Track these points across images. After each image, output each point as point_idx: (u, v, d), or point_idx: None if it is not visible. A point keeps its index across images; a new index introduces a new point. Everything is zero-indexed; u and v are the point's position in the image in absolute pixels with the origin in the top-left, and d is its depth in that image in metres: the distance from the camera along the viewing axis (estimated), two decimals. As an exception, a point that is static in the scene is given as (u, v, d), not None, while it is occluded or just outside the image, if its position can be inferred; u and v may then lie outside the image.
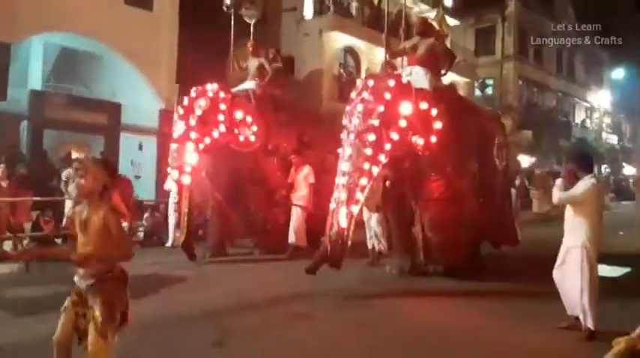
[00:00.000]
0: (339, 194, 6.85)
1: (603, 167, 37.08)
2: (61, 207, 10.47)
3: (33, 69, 14.21)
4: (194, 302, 6.36)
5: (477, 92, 29.32)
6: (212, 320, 5.59)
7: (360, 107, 7.04)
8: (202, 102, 8.90)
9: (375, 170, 6.94)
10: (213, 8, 16.82)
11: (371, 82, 7.21)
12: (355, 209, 6.81)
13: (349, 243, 6.76)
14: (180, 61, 15.14)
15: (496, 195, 8.90)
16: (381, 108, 6.93)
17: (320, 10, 20.57)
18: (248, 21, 11.83)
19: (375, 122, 6.89)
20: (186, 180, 8.68)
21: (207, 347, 4.77)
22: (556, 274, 5.35)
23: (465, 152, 7.96)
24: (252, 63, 10.71)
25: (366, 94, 7.08)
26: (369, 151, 6.85)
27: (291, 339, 5.15)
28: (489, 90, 30.28)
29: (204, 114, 8.81)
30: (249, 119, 9.28)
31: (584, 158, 5.34)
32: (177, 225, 8.93)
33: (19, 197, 9.75)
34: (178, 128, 8.87)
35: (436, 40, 8.33)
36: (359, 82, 7.60)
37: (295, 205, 9.56)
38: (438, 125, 7.33)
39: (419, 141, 7.23)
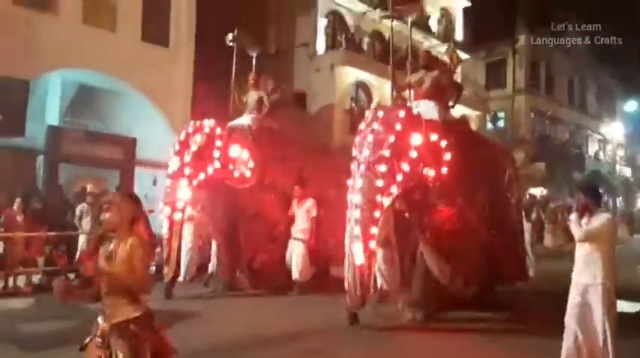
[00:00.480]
0: (353, 228, 6.67)
1: (617, 199, 36.66)
2: (75, 242, 10.52)
3: (50, 105, 14.46)
4: (208, 337, 6.31)
5: (489, 125, 29.34)
6: (226, 356, 5.53)
7: (370, 138, 6.96)
8: (198, 138, 8.86)
9: (387, 202, 6.82)
10: (225, 34, 17.22)
11: (381, 113, 7.17)
12: (373, 244, 6.64)
13: (372, 280, 6.56)
14: (195, 95, 15.36)
15: (507, 228, 8.72)
16: (392, 139, 6.85)
17: (332, 45, 20.89)
18: (251, 54, 11.80)
19: (386, 153, 6.81)
20: (178, 216, 8.66)
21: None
22: (573, 315, 4.91)
23: (476, 184, 7.84)
24: (252, 96, 10.60)
25: (376, 125, 7.01)
26: (380, 182, 6.74)
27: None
28: (501, 123, 30.28)
29: (199, 149, 8.78)
30: (245, 155, 9.21)
31: (595, 191, 5.20)
32: (166, 261, 8.69)
33: (34, 231, 9.82)
34: (173, 163, 8.84)
35: (442, 73, 8.32)
36: (368, 113, 7.55)
37: (296, 239, 9.37)
38: (447, 156, 7.26)
39: (430, 172, 7.15)
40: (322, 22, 20.85)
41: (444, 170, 7.22)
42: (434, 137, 7.21)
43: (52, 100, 14.52)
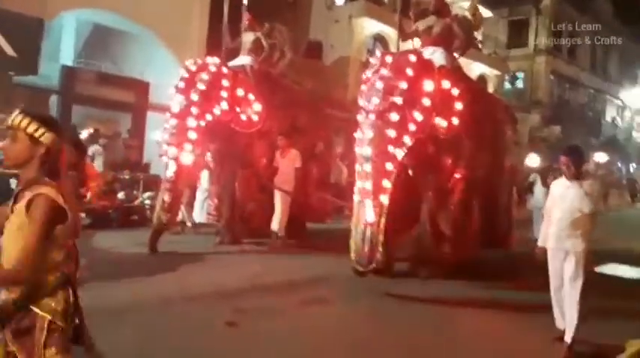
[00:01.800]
0: (364, 184, 6.25)
1: (632, 166, 36.34)
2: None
3: (65, 44, 14.41)
4: (210, 283, 6.44)
5: (507, 85, 28.88)
6: (227, 301, 5.68)
7: (379, 84, 6.42)
8: (205, 77, 8.34)
9: (400, 154, 6.36)
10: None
11: (389, 59, 6.63)
12: (385, 199, 6.20)
13: (381, 237, 6.09)
14: (210, 40, 15.18)
15: (500, 192, 8.42)
16: (404, 85, 6.36)
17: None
18: None
19: (398, 100, 6.31)
20: (186, 158, 8.07)
21: (222, 326, 4.85)
22: (557, 282, 4.83)
23: (479, 140, 7.42)
24: (248, 37, 9.85)
25: (385, 71, 6.48)
26: (392, 132, 6.27)
27: (305, 322, 5.21)
28: (520, 84, 29.79)
29: (207, 89, 8.25)
30: (251, 97, 8.76)
31: (580, 154, 4.79)
32: (168, 207, 7.85)
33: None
34: (177, 102, 8.20)
35: (452, 21, 7.81)
36: (374, 60, 6.91)
37: (279, 189, 8.98)
38: (459, 106, 6.82)
39: (442, 122, 6.69)
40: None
41: (455, 121, 6.80)
42: (446, 84, 6.76)
43: (67, 40, 14.46)
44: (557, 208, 4.75)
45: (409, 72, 6.45)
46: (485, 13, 24.23)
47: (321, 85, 15.92)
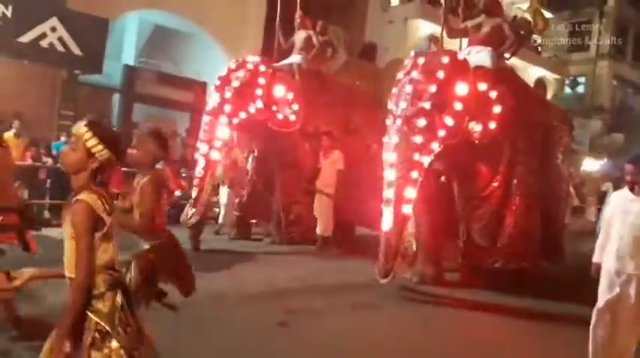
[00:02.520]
0: (386, 191, 6.00)
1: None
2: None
3: (127, 44, 14.92)
4: (262, 282, 6.49)
5: (567, 90, 27.95)
6: (278, 301, 5.72)
7: (408, 88, 6.10)
8: (240, 74, 8.19)
9: (427, 161, 6.06)
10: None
11: (421, 60, 6.27)
12: (407, 209, 5.94)
13: (400, 248, 5.92)
14: (266, 40, 15.37)
15: (557, 203, 7.89)
16: (433, 89, 6.01)
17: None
18: None
19: (426, 105, 5.97)
20: (215, 155, 8.00)
21: (274, 326, 4.90)
22: (608, 307, 4.12)
23: (527, 146, 6.94)
24: (300, 36, 9.67)
25: (415, 74, 6.13)
26: (419, 139, 5.96)
27: (354, 325, 5.21)
28: (580, 89, 28.77)
29: (241, 86, 8.11)
30: (290, 96, 8.48)
31: None
32: (194, 203, 7.73)
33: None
34: (213, 100, 8.23)
35: (504, 21, 7.42)
36: (407, 61, 6.50)
37: (321, 192, 8.68)
38: (497, 109, 6.39)
39: (476, 127, 6.30)
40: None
41: (493, 125, 6.37)
42: (482, 86, 6.37)
43: (129, 40, 14.97)
44: (619, 223, 4.16)
45: (440, 74, 6.10)
46: (546, 14, 23.61)
47: (375, 86, 15.85)
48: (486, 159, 6.81)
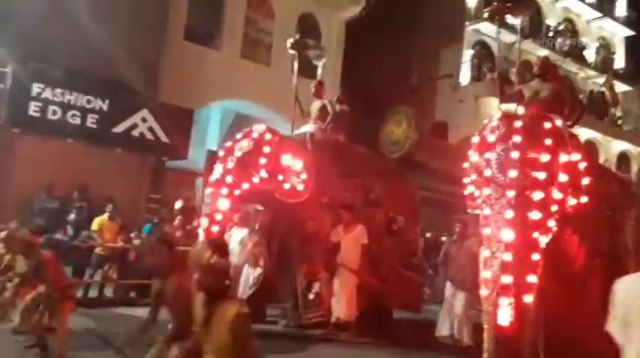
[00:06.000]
0: (500, 276, 5.12)
1: None
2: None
3: (211, 131, 15.92)
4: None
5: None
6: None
7: (514, 154, 5.43)
8: (244, 144, 7.86)
9: (544, 241, 5.31)
10: (370, 68, 17.71)
11: (519, 123, 5.69)
12: (530, 299, 5.09)
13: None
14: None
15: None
16: (546, 158, 5.41)
17: (477, 76, 20.55)
18: (315, 63, 10.84)
19: (540, 175, 5.36)
20: (216, 230, 7.56)
21: None
22: None
23: (600, 220, 6.26)
24: (315, 105, 9.42)
25: (518, 138, 5.50)
26: (536, 215, 5.25)
27: None
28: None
29: (244, 156, 7.73)
30: (297, 165, 7.94)
31: None
32: None
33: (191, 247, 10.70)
34: (216, 171, 7.94)
35: (562, 85, 7.00)
36: (495, 122, 5.89)
37: (345, 267, 7.97)
38: (586, 181, 5.80)
39: (571, 201, 5.66)
40: (467, 53, 20.63)
41: (584, 199, 5.72)
42: (576, 157, 5.78)
43: (213, 127, 15.98)
44: None
45: (547, 142, 5.50)
46: (623, 87, 23.08)
47: (447, 163, 15.88)
48: (581, 236, 6.03)
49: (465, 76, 20.54)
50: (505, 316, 4.97)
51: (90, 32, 11.22)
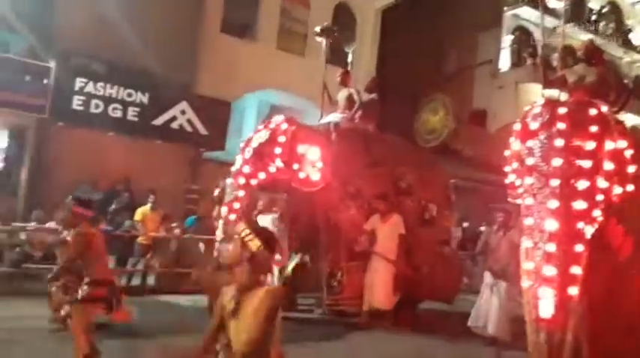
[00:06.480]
0: (543, 267, 4.99)
1: None
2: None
3: (247, 122, 16.05)
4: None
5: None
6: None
7: (559, 142, 5.24)
8: (262, 134, 8.01)
9: (589, 231, 5.14)
10: (406, 56, 17.52)
11: (563, 110, 5.48)
12: (574, 291, 4.93)
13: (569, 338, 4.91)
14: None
15: None
16: (591, 146, 5.23)
17: (517, 62, 20.08)
18: (345, 49, 10.91)
19: (585, 164, 5.17)
20: (233, 218, 7.66)
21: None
22: None
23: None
24: (342, 94, 9.41)
25: (562, 125, 5.32)
26: (582, 204, 5.09)
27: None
28: None
29: (260, 146, 7.89)
30: (313, 154, 7.90)
31: None
32: None
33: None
34: (237, 162, 8.14)
35: (607, 70, 6.74)
36: (538, 109, 5.67)
37: (382, 257, 7.99)
38: (632, 169, 5.60)
39: (617, 189, 5.50)
40: (507, 39, 20.17)
41: (630, 188, 5.54)
42: (622, 144, 5.58)
43: (249, 118, 16.12)
44: None
45: (593, 129, 5.34)
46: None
47: (486, 152, 15.65)
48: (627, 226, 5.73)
49: (504, 62, 20.11)
50: (548, 308, 4.89)
51: (129, 26, 11.47)
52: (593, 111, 5.47)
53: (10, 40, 11.34)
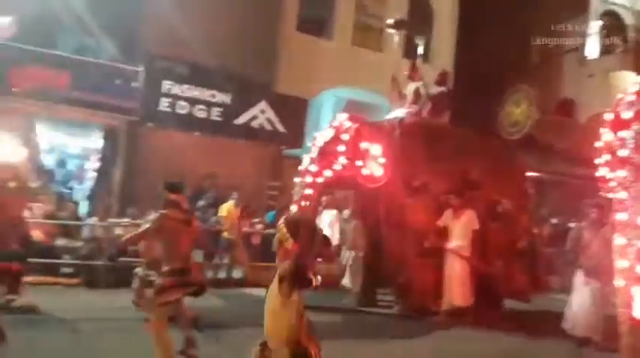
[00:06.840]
0: (637, 264, 4.82)
1: None
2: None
3: (324, 119, 16.16)
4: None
5: None
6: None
7: None
8: (328, 133, 8.26)
9: None
10: (486, 46, 17.00)
11: None
12: None
13: None
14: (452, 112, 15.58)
15: None
16: None
17: (607, 48, 18.94)
18: (416, 42, 10.91)
19: None
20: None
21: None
22: None
23: None
24: (409, 88, 9.33)
25: None
26: None
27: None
28: None
29: (325, 145, 8.16)
30: (376, 150, 7.94)
31: None
32: None
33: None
34: (305, 162, 8.42)
35: None
36: (632, 98, 5.59)
37: (456, 254, 7.88)
38: None
39: None
40: (595, 25, 19.07)
41: None
42: None
43: (326, 115, 16.21)
44: None
45: None
46: None
47: (575, 144, 14.92)
48: None
49: (593, 49, 19.02)
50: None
51: (210, 29, 11.86)
52: None
53: (100, 46, 12.02)
